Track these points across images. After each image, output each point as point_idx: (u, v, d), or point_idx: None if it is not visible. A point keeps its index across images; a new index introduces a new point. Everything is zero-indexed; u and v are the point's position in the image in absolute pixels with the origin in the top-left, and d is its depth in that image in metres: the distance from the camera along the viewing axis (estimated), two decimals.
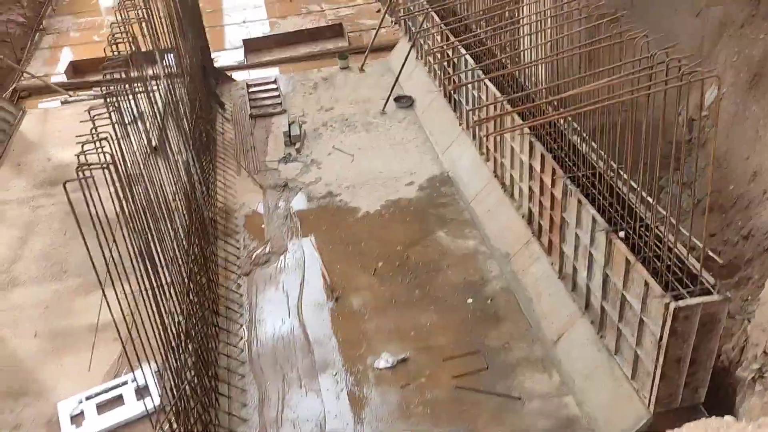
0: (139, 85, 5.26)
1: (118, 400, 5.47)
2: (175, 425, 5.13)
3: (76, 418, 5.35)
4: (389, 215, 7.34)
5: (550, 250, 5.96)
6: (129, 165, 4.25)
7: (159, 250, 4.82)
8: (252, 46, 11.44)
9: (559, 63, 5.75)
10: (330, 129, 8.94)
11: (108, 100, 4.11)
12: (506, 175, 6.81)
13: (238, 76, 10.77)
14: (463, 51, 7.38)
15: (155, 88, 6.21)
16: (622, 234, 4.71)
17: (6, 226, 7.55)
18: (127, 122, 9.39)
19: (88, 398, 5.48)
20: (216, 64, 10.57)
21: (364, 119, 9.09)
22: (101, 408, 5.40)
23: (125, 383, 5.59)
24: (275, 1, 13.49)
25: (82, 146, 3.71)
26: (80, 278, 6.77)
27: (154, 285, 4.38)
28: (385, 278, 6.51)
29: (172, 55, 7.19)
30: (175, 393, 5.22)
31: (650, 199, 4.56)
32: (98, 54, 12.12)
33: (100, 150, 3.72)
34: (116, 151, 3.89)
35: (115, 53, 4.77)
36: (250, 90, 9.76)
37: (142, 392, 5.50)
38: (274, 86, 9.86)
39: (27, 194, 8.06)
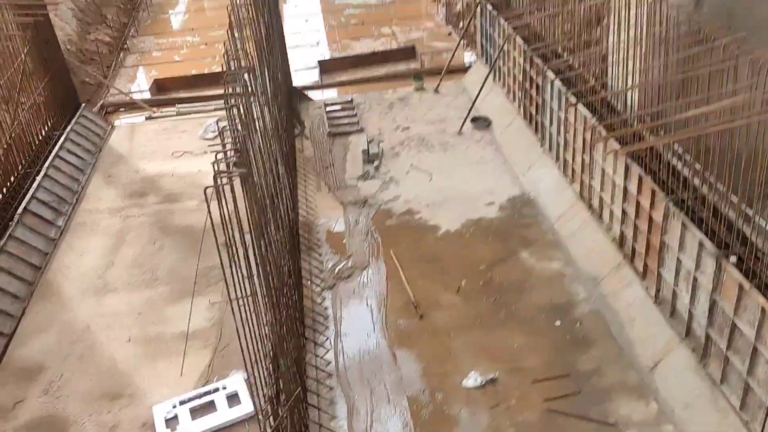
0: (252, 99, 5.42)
1: (210, 407, 5.57)
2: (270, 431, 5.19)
3: (171, 422, 5.47)
4: (470, 234, 7.33)
5: (645, 274, 5.82)
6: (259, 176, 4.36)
7: (270, 259, 4.94)
8: (327, 66, 11.72)
9: (655, 86, 5.68)
10: (407, 148, 9.03)
11: (230, 111, 4.25)
12: (594, 197, 6.71)
13: (312, 95, 11.03)
14: (550, 74, 7.37)
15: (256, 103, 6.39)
16: (734, 259, 4.57)
17: (99, 234, 7.87)
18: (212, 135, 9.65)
19: (181, 403, 5.60)
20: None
21: (440, 139, 9.14)
22: (194, 413, 5.51)
23: (217, 390, 5.69)
24: (339, 26, 13.80)
25: (216, 155, 3.83)
26: (169, 286, 6.98)
27: (267, 293, 4.45)
28: (470, 297, 6.47)
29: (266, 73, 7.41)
30: (268, 401, 5.30)
31: (763, 223, 4.42)
32: (179, 73, 12.68)
33: (230, 158, 3.83)
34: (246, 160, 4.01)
35: (233, 67, 4.95)
36: (328, 109, 9.97)
37: (233, 400, 5.62)
38: (351, 106, 10.05)
39: (117, 204, 8.40)
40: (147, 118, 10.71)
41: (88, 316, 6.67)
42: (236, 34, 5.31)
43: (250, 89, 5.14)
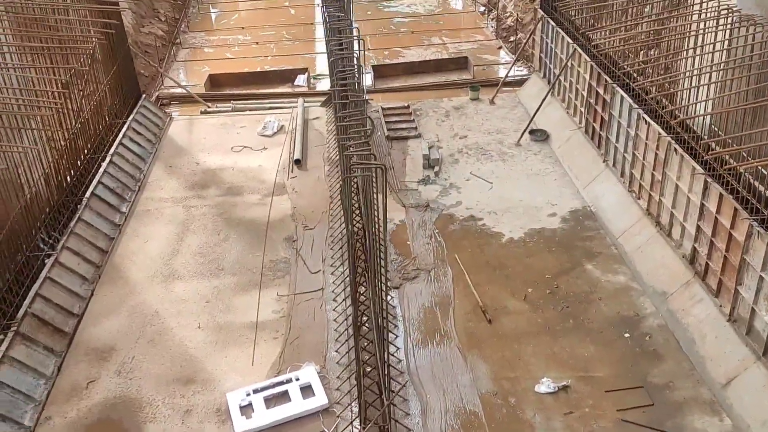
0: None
1: (284, 397, 5.62)
2: (346, 425, 5.24)
3: (245, 410, 5.52)
4: (534, 243, 7.38)
5: (719, 292, 5.84)
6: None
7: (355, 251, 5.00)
8: (380, 72, 11.84)
9: (738, 110, 5.75)
10: (465, 156, 9.11)
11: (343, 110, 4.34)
12: (664, 213, 6.75)
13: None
14: (620, 91, 7.44)
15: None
16: None
17: (163, 222, 7.97)
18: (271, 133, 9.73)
19: (255, 391, 5.65)
20: None
21: (498, 149, 9.22)
22: (268, 402, 5.56)
23: (290, 381, 5.75)
24: (389, 33, 13.93)
25: (349, 147, 3.91)
26: (236, 277, 7.06)
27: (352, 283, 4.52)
28: (537, 305, 6.51)
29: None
30: (347, 393, 5.35)
31: None
32: (231, 70, 12.82)
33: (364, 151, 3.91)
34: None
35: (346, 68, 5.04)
36: (386, 113, 10.08)
37: (306, 391, 5.67)
38: (408, 111, 10.15)
39: (180, 194, 8.51)
40: (202, 112, 10.84)
41: (157, 301, 6.76)
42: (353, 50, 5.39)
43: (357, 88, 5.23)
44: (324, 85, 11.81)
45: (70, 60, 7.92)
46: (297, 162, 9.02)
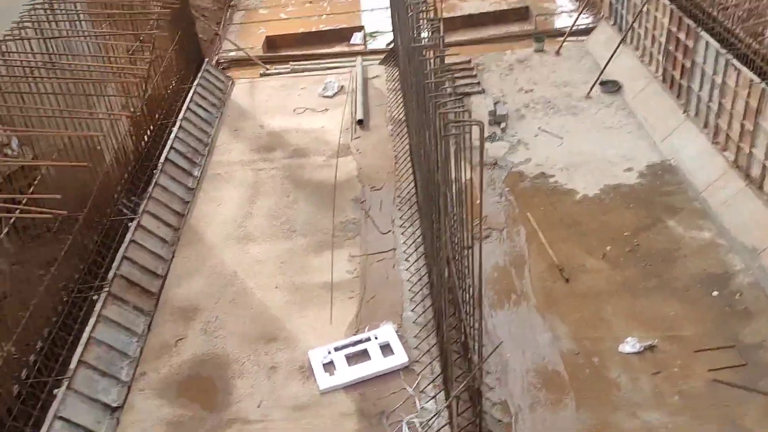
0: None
1: (364, 355, 5.71)
2: (428, 383, 5.29)
3: (327, 367, 5.64)
4: (610, 200, 7.15)
5: None
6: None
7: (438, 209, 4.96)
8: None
9: None
10: (533, 110, 8.84)
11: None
12: (755, 165, 6.40)
13: None
14: (705, 36, 7.01)
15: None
16: None
17: (234, 185, 8.09)
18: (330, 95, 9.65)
19: (336, 349, 5.76)
20: None
21: (567, 102, 8.90)
22: (349, 360, 5.67)
23: (368, 339, 5.82)
24: None
25: (445, 104, 3.81)
26: (308, 238, 7.14)
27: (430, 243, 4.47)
28: (616, 263, 6.35)
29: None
30: (427, 351, 5.38)
31: None
32: (287, 30, 12.73)
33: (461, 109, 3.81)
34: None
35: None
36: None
37: (385, 350, 5.73)
38: (469, 66, 9.89)
39: (248, 157, 8.60)
40: (261, 75, 10.84)
41: (234, 262, 6.91)
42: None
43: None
44: (379, 42, 11.62)
45: (139, 26, 8.01)
46: (360, 122, 8.96)
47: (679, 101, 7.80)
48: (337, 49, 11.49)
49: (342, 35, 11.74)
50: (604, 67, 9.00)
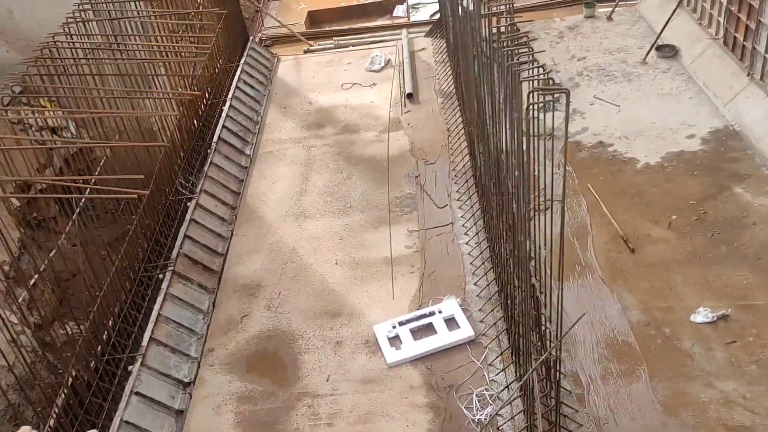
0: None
1: (429, 329, 5.72)
2: (495, 356, 5.27)
3: (393, 341, 5.66)
4: (673, 168, 6.96)
5: None
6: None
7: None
8: None
9: None
10: (586, 78, 8.61)
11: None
12: None
13: None
14: None
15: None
16: None
17: (286, 163, 8.12)
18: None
19: (400, 324, 5.78)
20: None
21: (623, 69, 8.65)
22: (415, 334, 5.69)
23: (432, 314, 5.83)
24: None
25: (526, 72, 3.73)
26: (364, 214, 7.14)
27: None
28: (683, 232, 6.19)
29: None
30: (493, 325, 5.35)
31: None
32: (326, 5, 12.63)
33: (542, 75, 3.71)
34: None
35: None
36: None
37: (450, 323, 5.73)
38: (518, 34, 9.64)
39: (298, 135, 8.62)
40: (305, 51, 10.81)
41: (293, 239, 6.97)
42: None
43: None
44: (422, 14, 11.42)
45: (186, 5, 8.02)
46: (409, 96, 8.86)
47: (743, 64, 7.50)
48: (380, 22, 11.37)
49: (384, 8, 11.61)
50: (661, 31, 8.69)
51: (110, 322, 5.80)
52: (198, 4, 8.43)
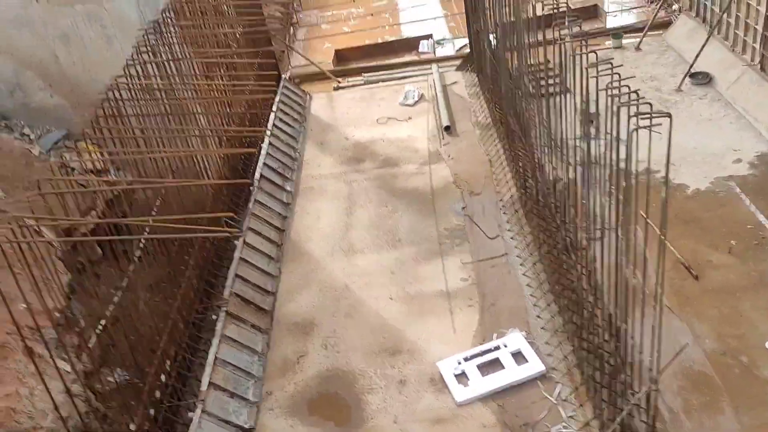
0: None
1: (496, 364, 5.56)
2: (569, 391, 5.11)
3: (460, 378, 5.50)
4: (725, 193, 6.90)
5: None
6: None
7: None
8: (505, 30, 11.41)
9: None
10: (623, 107, 8.62)
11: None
12: None
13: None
14: None
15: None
16: None
17: (329, 198, 8.07)
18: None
19: (465, 359, 5.63)
20: None
21: (658, 97, 8.67)
22: (482, 369, 5.53)
23: (498, 348, 5.68)
24: None
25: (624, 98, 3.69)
26: (414, 247, 7.05)
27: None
28: (745, 257, 6.09)
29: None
30: (564, 358, 5.20)
31: None
32: (351, 43, 12.76)
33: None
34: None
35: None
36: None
37: (518, 358, 5.58)
38: (550, 66, 9.72)
39: (338, 170, 8.59)
40: (335, 88, 10.87)
41: (343, 275, 6.86)
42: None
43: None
44: (447, 50, 11.56)
45: (224, 46, 8.08)
46: (447, 129, 8.87)
47: None
48: (406, 58, 11.47)
49: (410, 44, 11.73)
50: (695, 59, 8.75)
51: (167, 367, 5.65)
52: (236, 44, 8.51)
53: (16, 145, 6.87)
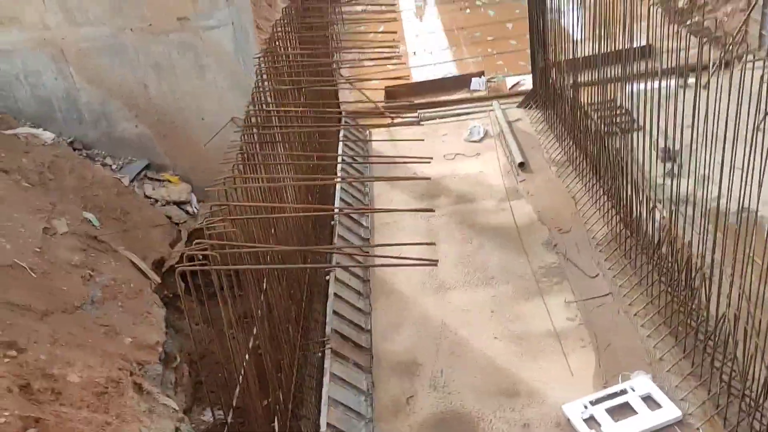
0: None
1: (626, 408, 5.26)
2: None
3: (589, 423, 5.19)
4: None
5: None
6: None
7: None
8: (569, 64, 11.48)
9: None
10: (701, 143, 8.55)
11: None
12: None
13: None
14: None
15: None
16: None
17: (407, 234, 7.82)
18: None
19: (592, 403, 5.33)
20: None
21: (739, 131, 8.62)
22: (612, 414, 5.23)
23: (624, 391, 5.39)
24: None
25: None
26: (510, 285, 6.80)
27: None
28: None
29: None
30: (702, 404, 4.93)
31: None
32: (402, 80, 12.69)
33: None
34: None
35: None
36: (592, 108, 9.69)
37: (648, 402, 5.29)
38: (617, 104, 9.71)
39: (411, 206, 8.38)
40: (389, 126, 10.77)
41: (439, 312, 6.57)
42: None
43: None
44: (500, 87, 11.58)
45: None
46: (521, 165, 8.74)
47: None
48: (457, 95, 11.45)
49: (461, 81, 11.72)
50: None
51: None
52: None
53: (106, 175, 6.62)
